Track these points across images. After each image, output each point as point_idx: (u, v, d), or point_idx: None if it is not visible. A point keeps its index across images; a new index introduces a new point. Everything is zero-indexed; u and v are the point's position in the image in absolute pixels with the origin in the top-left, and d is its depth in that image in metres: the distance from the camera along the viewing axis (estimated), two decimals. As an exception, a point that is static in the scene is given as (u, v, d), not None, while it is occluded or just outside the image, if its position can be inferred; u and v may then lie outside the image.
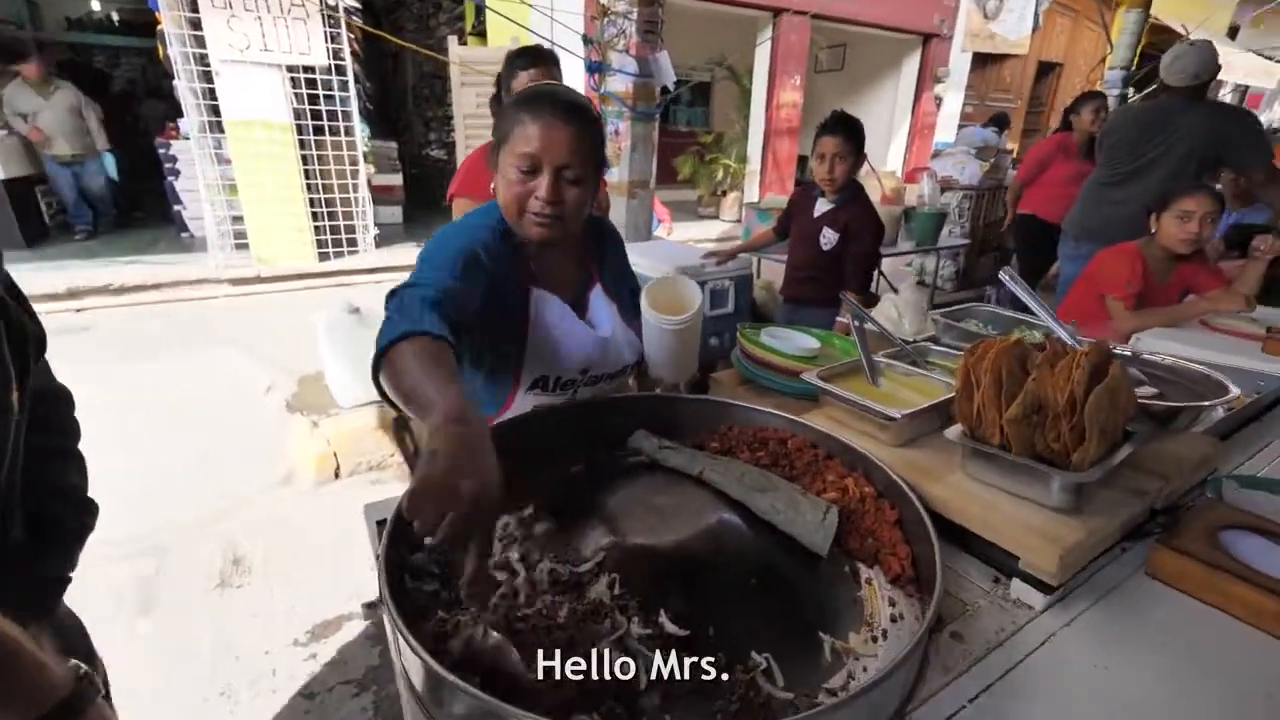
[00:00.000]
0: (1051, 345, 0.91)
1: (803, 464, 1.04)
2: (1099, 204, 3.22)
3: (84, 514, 0.92)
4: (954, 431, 0.95)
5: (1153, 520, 0.96)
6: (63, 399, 0.92)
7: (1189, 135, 2.85)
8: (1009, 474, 0.89)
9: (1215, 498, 1.02)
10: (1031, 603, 0.81)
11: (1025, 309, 1.30)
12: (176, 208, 6.26)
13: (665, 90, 3.91)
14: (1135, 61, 5.45)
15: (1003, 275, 1.30)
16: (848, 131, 2.42)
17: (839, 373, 1.20)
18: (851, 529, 0.88)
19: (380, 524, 0.94)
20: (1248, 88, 12.32)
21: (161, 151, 5.99)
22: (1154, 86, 3.90)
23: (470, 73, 5.59)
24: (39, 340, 0.79)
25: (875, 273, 3.40)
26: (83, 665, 0.54)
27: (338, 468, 2.91)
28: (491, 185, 1.17)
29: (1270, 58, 11.08)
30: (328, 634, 2.08)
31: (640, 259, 2.99)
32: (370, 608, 0.94)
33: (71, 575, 0.89)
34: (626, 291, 1.33)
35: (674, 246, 3.96)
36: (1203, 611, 0.80)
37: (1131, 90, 5.57)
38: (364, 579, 2.26)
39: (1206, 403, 1.05)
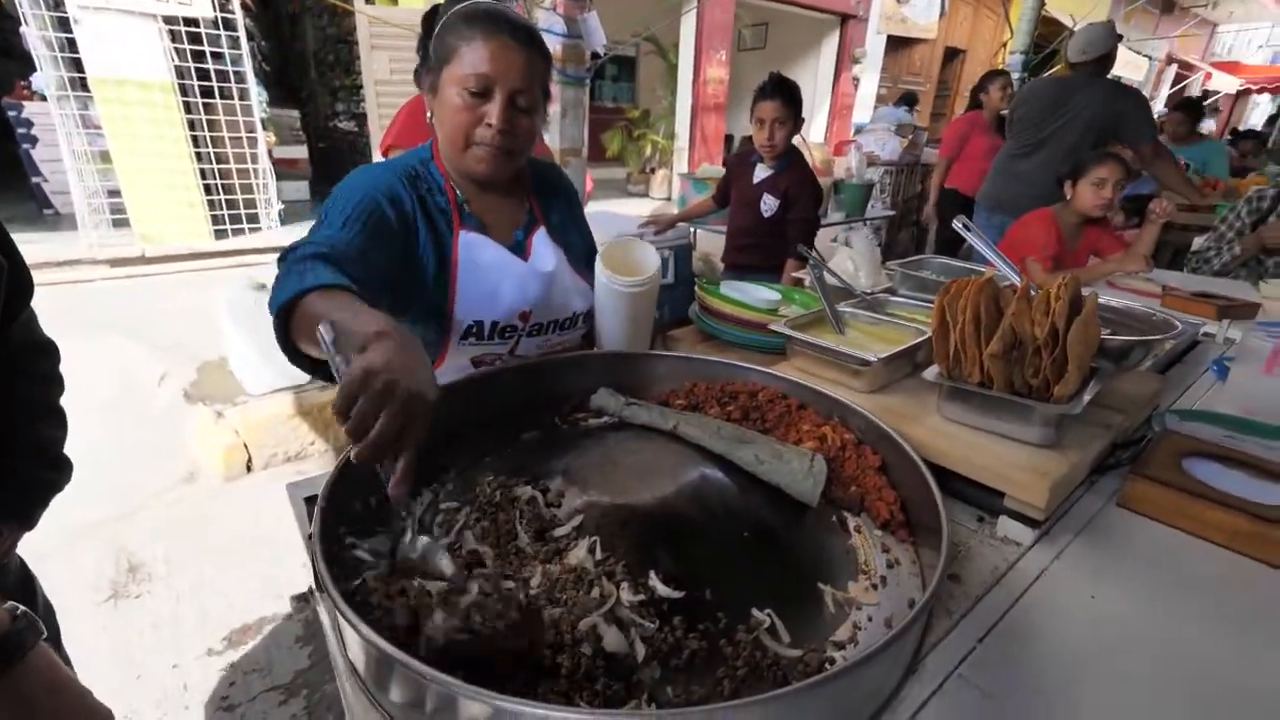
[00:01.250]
0: (1022, 285, 0.89)
1: (775, 416, 0.99)
2: (1009, 176, 3.39)
3: (52, 470, 0.92)
4: (931, 372, 0.92)
5: (1113, 455, 0.98)
6: (47, 352, 0.92)
7: (1089, 108, 3.03)
8: (989, 412, 0.87)
9: (1161, 430, 1.05)
10: (1019, 539, 0.79)
11: (971, 262, 1.31)
12: (35, 180, 5.46)
13: (595, 55, 3.76)
14: (1031, 48, 5.79)
15: (957, 224, 1.29)
16: (786, 95, 2.39)
17: (803, 324, 1.16)
18: (834, 478, 0.83)
19: (310, 501, 0.80)
20: (1120, 78, 13.50)
21: (12, 115, 5.19)
22: (1057, 66, 4.14)
23: (383, 35, 5.18)
24: (18, 284, 0.79)
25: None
26: (20, 606, 0.49)
27: (249, 461, 2.65)
28: (428, 114, 1.03)
29: (1138, 52, 12.17)
30: (247, 639, 1.88)
31: (576, 228, 2.89)
32: (302, 600, 0.79)
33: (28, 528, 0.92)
34: (578, 240, 1.22)
35: (608, 217, 3.85)
36: (1176, 537, 0.81)
37: (1027, 76, 5.92)
38: (287, 576, 2.06)
39: (1160, 336, 1.09)
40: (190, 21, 4.49)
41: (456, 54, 0.93)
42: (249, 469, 2.64)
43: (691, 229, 3.72)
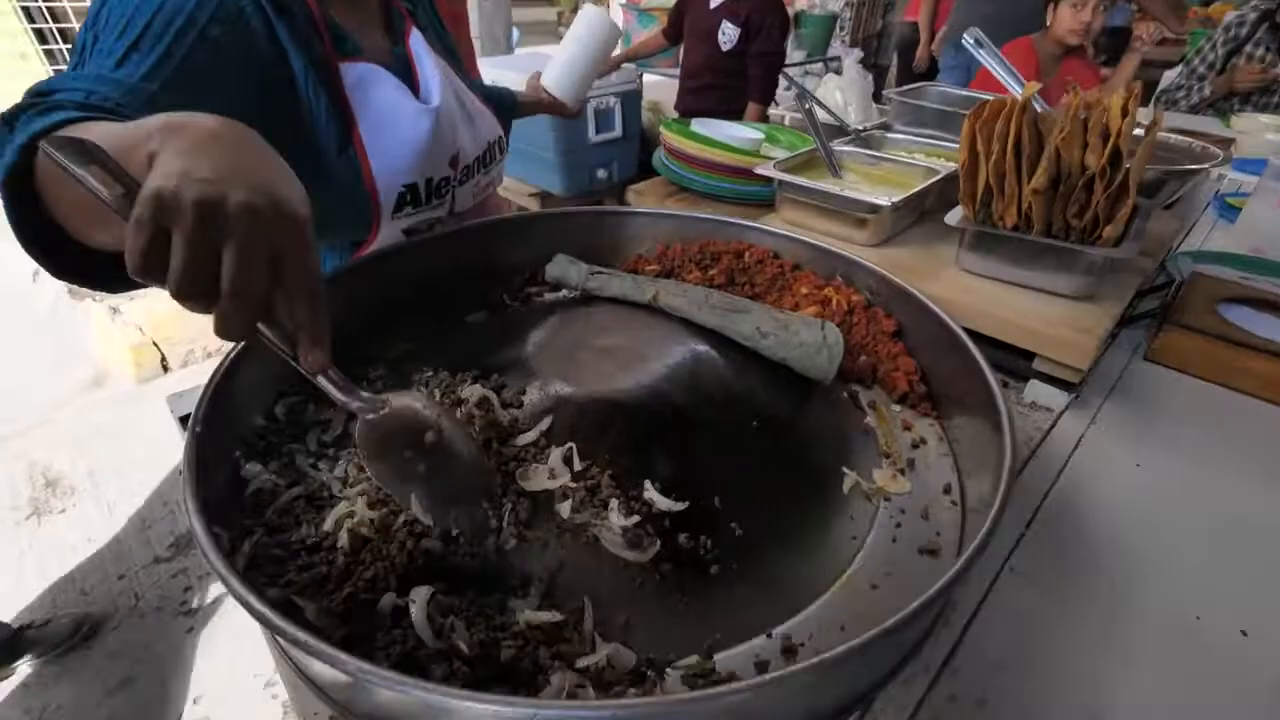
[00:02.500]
0: (1072, 102, 0.72)
1: (766, 279, 0.84)
2: (973, 5, 3.07)
3: None
4: (954, 216, 0.77)
5: (1132, 304, 0.88)
6: None
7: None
8: (1020, 261, 0.74)
9: (1188, 275, 0.96)
10: (1050, 404, 0.70)
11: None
12: None
13: None
14: None
15: (968, 39, 1.09)
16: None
17: (792, 168, 0.97)
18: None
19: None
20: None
21: None
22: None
23: None
24: None
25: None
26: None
27: (164, 359, 2.38)
28: None
29: None
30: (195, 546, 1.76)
31: (504, 72, 2.46)
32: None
33: None
34: (443, 39, 0.93)
35: (541, 59, 3.35)
36: (1211, 391, 0.73)
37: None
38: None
39: (1200, 166, 0.96)
40: None
41: None
42: (165, 368, 2.38)
43: (638, 72, 3.29)
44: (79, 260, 0.42)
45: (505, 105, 1.06)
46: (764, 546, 0.50)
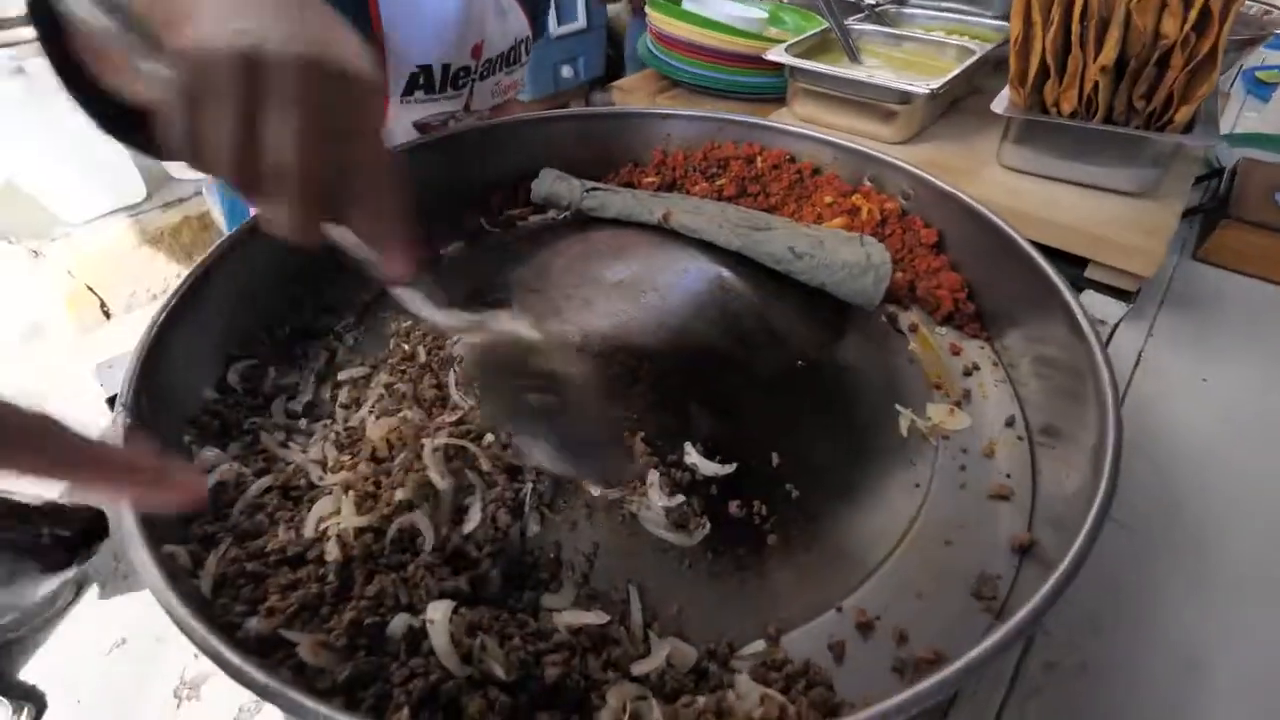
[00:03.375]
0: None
1: (782, 188, 0.73)
2: None
3: None
4: (1001, 102, 0.67)
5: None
6: None
7: None
8: (1076, 154, 0.66)
9: (1240, 162, 0.88)
10: (1106, 316, 0.64)
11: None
12: None
13: None
14: None
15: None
16: None
17: (802, 53, 0.84)
18: (876, 264, 0.62)
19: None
20: None
21: None
22: None
23: None
24: None
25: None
26: None
27: (104, 306, 2.19)
28: None
29: None
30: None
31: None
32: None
33: None
34: None
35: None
36: (1269, 292, 0.67)
37: None
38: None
39: (1263, 34, 0.86)
40: None
41: None
42: (107, 315, 2.19)
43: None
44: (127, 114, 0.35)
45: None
46: (823, 507, 0.43)
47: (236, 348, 0.53)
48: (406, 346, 0.52)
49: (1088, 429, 0.43)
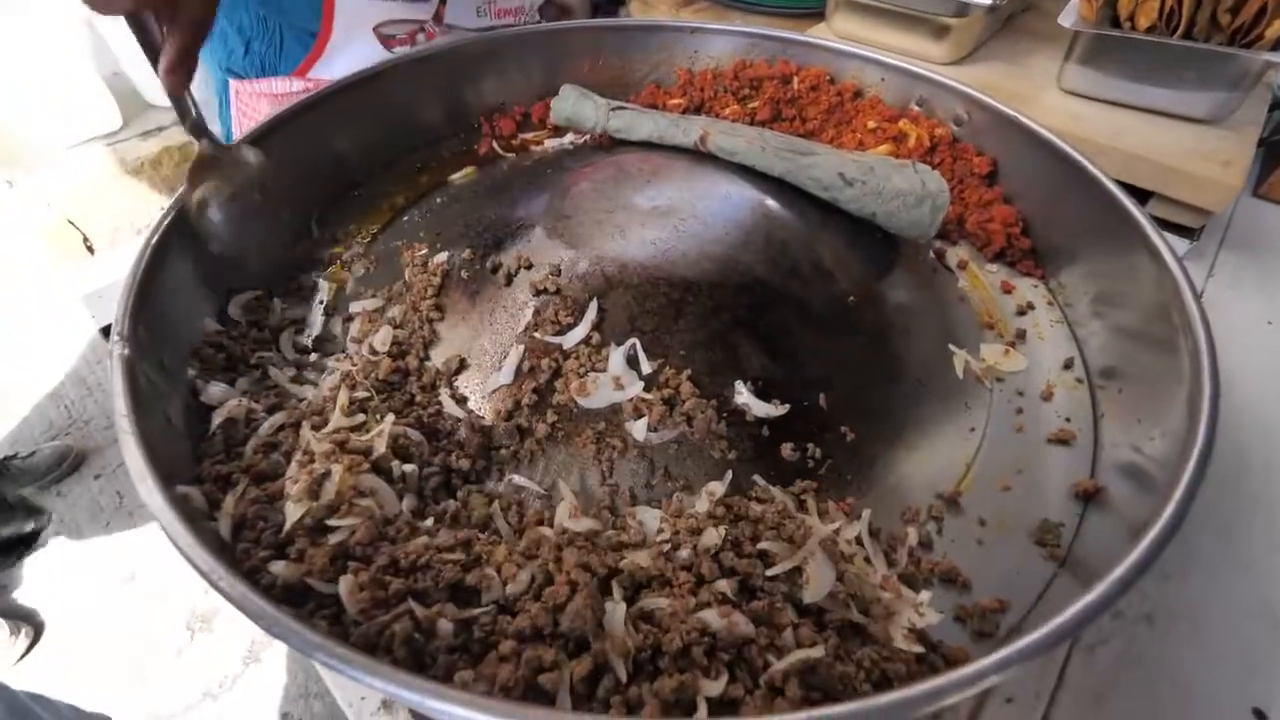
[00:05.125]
0: None
1: (821, 112, 0.68)
2: None
3: None
4: (1070, 15, 0.61)
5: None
6: None
7: None
8: (1148, 76, 0.60)
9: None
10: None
11: None
12: None
13: None
14: None
15: None
16: None
17: (843, -40, 0.76)
18: (924, 195, 0.58)
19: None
20: None
21: None
22: None
23: None
24: None
25: None
26: None
27: (86, 241, 2.10)
28: None
29: None
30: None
31: None
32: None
33: None
34: None
35: None
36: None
37: None
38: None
39: None
40: None
41: None
42: (90, 250, 2.11)
43: None
44: None
45: None
46: (878, 451, 0.41)
47: (234, 278, 0.49)
48: (425, 272, 0.48)
49: (1166, 374, 0.40)
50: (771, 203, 0.50)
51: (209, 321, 0.46)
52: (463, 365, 0.43)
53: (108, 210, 2.12)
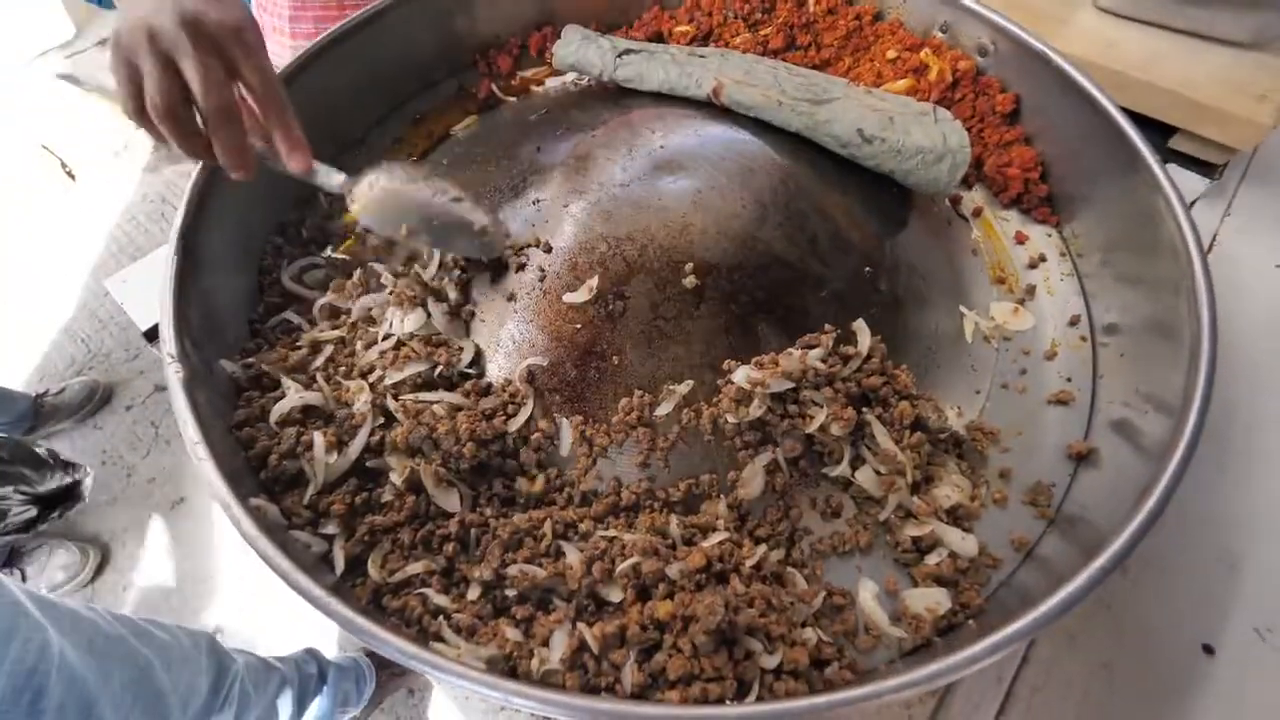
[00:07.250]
0: None
1: (837, 38, 0.64)
2: None
3: None
4: (1114, -73, 0.56)
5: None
6: None
7: None
8: (1191, -5, 0.56)
9: None
10: (1185, 193, 0.59)
11: None
12: None
13: None
14: None
15: None
16: None
17: None
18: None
19: (153, 334, 0.49)
20: None
21: None
22: None
23: None
24: None
25: None
26: None
27: (66, 167, 2.02)
28: None
29: None
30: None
31: None
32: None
33: None
34: None
35: None
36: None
37: None
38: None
39: None
40: None
41: None
42: (71, 176, 2.03)
43: None
44: None
45: None
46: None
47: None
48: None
49: (1161, 325, 0.42)
50: (787, 164, 0.49)
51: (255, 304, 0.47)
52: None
53: (88, 133, 2.02)
